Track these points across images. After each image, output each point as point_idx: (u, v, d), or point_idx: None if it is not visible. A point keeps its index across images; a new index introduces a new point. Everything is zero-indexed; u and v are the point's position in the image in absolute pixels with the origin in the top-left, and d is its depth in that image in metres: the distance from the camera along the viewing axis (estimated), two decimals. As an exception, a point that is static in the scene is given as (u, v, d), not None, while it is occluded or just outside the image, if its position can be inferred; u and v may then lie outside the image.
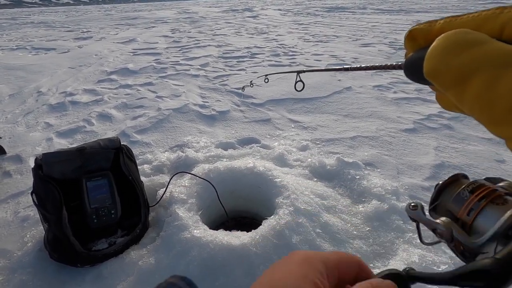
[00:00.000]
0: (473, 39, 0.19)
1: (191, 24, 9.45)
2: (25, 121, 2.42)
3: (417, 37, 0.25)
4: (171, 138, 2.04)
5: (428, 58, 0.21)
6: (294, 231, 1.05)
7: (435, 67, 0.21)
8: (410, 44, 0.26)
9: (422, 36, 0.25)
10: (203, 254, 0.97)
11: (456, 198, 0.25)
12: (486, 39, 0.19)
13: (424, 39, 0.25)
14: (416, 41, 0.26)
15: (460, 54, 0.19)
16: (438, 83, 0.21)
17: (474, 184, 0.25)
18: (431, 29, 0.24)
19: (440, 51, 0.21)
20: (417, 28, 0.25)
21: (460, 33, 0.20)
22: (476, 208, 0.23)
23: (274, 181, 1.29)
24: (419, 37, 0.25)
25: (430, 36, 0.24)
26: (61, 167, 1.08)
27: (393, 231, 1.18)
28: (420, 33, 0.25)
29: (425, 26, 0.25)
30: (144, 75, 3.64)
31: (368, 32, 6.49)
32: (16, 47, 6.06)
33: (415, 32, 0.25)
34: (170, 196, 1.25)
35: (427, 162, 1.68)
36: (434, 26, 0.24)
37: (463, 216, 0.24)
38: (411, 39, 0.26)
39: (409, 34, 0.26)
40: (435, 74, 0.21)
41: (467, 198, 0.24)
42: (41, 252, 1.09)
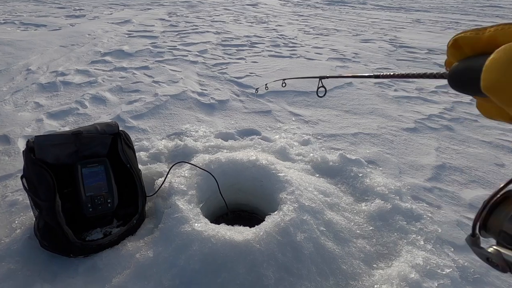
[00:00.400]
0: None
1: (188, 8, 9.19)
2: (13, 100, 2.30)
3: (463, 45, 0.24)
4: (169, 125, 1.97)
5: (487, 71, 0.20)
6: (298, 229, 1.02)
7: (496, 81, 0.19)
8: (454, 52, 0.25)
9: (468, 45, 0.23)
10: (204, 249, 0.93)
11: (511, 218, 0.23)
12: None
13: (471, 48, 0.23)
14: (461, 49, 0.24)
15: None
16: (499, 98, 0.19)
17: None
18: (479, 38, 0.22)
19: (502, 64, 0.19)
20: (463, 36, 0.23)
21: None
22: None
23: (277, 175, 1.26)
24: (465, 46, 0.24)
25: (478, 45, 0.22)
26: (55, 151, 1.01)
27: (396, 232, 1.17)
28: (466, 42, 0.24)
29: (472, 34, 0.23)
30: (140, 58, 3.51)
31: (368, 28, 6.44)
32: (3, 21, 5.76)
33: (461, 41, 0.24)
34: (170, 186, 1.20)
35: (429, 162, 1.67)
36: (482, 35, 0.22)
37: None
38: (456, 48, 0.24)
39: (453, 43, 0.24)
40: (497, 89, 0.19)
41: None
42: (31, 240, 1.03)
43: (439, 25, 6.97)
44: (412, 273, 0.96)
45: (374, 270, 1.02)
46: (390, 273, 0.98)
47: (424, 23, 7.26)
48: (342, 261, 1.01)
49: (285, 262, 0.94)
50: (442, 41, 5.13)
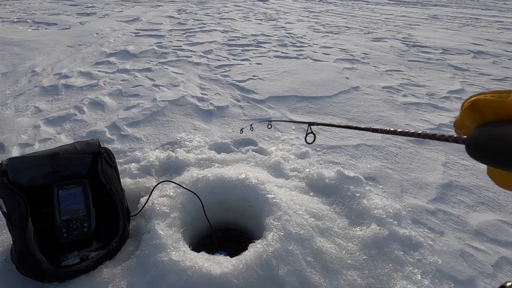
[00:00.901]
0: None
1: (198, 5, 9.13)
2: (15, 104, 2.31)
3: (483, 110, 0.22)
4: (164, 134, 1.93)
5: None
6: (282, 260, 0.95)
7: None
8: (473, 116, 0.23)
9: (491, 110, 0.22)
10: (180, 282, 0.88)
11: None
12: None
13: (494, 114, 0.21)
14: (482, 114, 0.22)
15: None
16: None
17: None
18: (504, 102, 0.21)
19: None
20: (483, 99, 0.22)
21: None
22: None
23: (266, 196, 1.19)
24: (487, 111, 0.22)
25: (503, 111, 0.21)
26: (30, 173, 0.97)
27: (391, 263, 1.08)
28: (488, 106, 0.22)
29: (495, 98, 0.21)
30: (143, 59, 3.49)
31: (381, 25, 6.21)
32: (17, 20, 5.87)
33: (481, 104, 0.22)
34: (152, 208, 1.15)
35: (434, 180, 1.56)
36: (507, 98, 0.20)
37: None
38: (475, 112, 0.23)
39: (472, 106, 0.23)
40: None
41: None
42: (7, 263, 1.01)
43: (457, 22, 6.65)
44: None
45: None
46: None
47: (441, 19, 6.95)
48: (329, 297, 0.94)
49: (265, 299, 0.88)
50: (459, 39, 4.88)
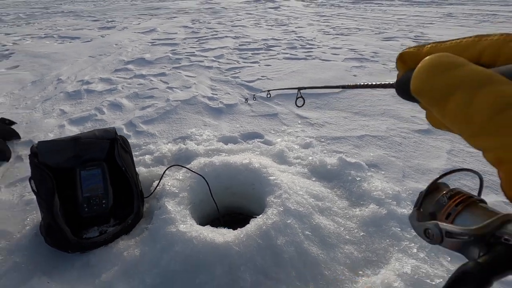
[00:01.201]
0: (452, 62, 0.22)
1: (212, 14, 9.44)
2: (43, 108, 2.52)
3: (407, 59, 0.28)
4: (176, 129, 2.05)
5: (414, 77, 0.24)
6: (280, 232, 1.02)
7: (419, 86, 0.23)
8: (401, 65, 0.29)
9: (411, 59, 0.27)
10: (186, 250, 0.97)
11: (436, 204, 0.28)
12: (463, 62, 0.22)
13: (413, 62, 0.27)
14: (406, 63, 0.28)
15: (441, 74, 0.22)
16: (423, 100, 0.24)
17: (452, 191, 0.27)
18: (419, 53, 0.27)
19: (424, 71, 0.23)
20: (407, 51, 0.28)
21: (442, 56, 0.23)
22: (454, 213, 0.25)
23: (268, 179, 1.26)
24: (409, 60, 0.28)
25: (418, 59, 0.25)
26: (55, 156, 1.11)
27: (388, 238, 1.12)
28: (409, 56, 0.28)
29: (414, 50, 0.27)
30: (158, 66, 3.69)
31: (393, 25, 6.18)
32: (44, 36, 6.33)
33: (405, 55, 0.28)
34: (162, 189, 1.26)
35: (437, 166, 1.58)
36: (422, 50, 0.27)
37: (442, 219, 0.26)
38: (402, 61, 0.29)
39: (400, 57, 0.29)
40: (420, 92, 0.23)
41: (445, 204, 0.27)
42: (37, 236, 1.14)
43: (473, 19, 6.51)
44: (396, 281, 0.92)
45: (359, 277, 0.99)
46: (374, 280, 0.95)
47: (456, 17, 6.82)
48: (326, 267, 1.00)
49: (264, 266, 0.95)
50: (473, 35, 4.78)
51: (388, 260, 1.04)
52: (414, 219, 0.29)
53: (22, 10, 14.50)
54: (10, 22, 9.32)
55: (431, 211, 0.28)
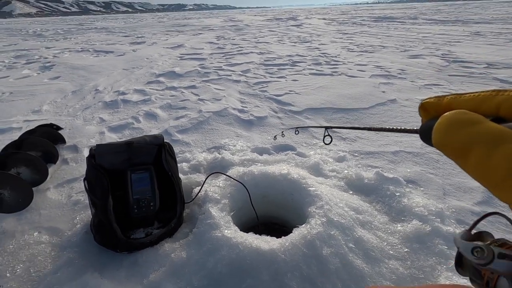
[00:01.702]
0: (468, 119, 0.23)
1: (235, 31, 9.77)
2: (83, 115, 2.68)
3: (428, 109, 0.30)
4: (209, 139, 2.11)
5: (434, 132, 0.25)
6: (325, 243, 1.02)
7: (440, 140, 0.25)
8: (423, 113, 0.31)
9: (432, 109, 0.29)
10: (232, 254, 0.99)
11: None
12: (480, 120, 0.23)
13: (435, 111, 0.29)
14: (428, 111, 0.30)
15: (459, 131, 0.23)
16: (444, 153, 0.25)
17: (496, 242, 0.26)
18: (440, 103, 0.28)
19: (443, 128, 0.25)
20: (428, 101, 0.30)
21: (459, 114, 0.24)
22: None
23: (307, 189, 1.27)
24: (430, 109, 0.30)
25: (439, 109, 0.28)
26: (111, 158, 1.17)
27: (435, 256, 1.09)
28: (431, 106, 0.29)
29: (435, 100, 0.29)
30: (188, 79, 3.84)
31: (418, 43, 6.15)
32: (81, 49, 6.77)
33: (427, 105, 0.30)
34: (205, 194, 1.29)
35: (479, 185, 1.52)
36: (442, 101, 0.28)
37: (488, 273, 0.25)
38: (424, 110, 0.30)
39: (421, 106, 0.30)
40: (441, 146, 0.25)
41: None
42: (87, 234, 1.19)
43: (502, 37, 6.36)
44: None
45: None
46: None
47: (484, 36, 6.70)
48: (371, 280, 0.98)
49: (310, 275, 0.94)
50: (505, 54, 4.68)
51: (437, 279, 1.01)
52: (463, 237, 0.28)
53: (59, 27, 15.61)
54: (50, 37, 10.05)
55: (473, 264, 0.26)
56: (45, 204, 1.44)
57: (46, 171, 1.57)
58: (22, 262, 1.10)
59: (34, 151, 1.69)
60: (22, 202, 1.34)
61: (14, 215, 1.34)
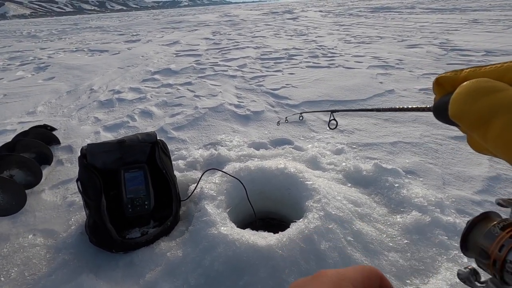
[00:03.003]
0: (492, 86, 0.22)
1: (231, 26, 9.68)
2: (78, 115, 2.65)
3: (444, 84, 0.28)
4: (206, 136, 2.09)
5: (452, 102, 0.24)
6: (323, 237, 1.00)
7: (459, 110, 0.23)
8: (438, 89, 0.29)
9: (448, 83, 0.27)
10: (228, 251, 0.97)
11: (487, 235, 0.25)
12: (504, 87, 0.21)
13: (451, 86, 0.27)
14: (443, 87, 0.28)
15: (481, 98, 0.22)
16: (463, 124, 0.23)
17: (505, 222, 0.25)
18: (456, 77, 0.26)
19: (463, 96, 0.23)
20: (443, 76, 0.27)
21: (481, 81, 0.22)
22: (508, 244, 0.23)
23: (305, 183, 1.25)
24: (446, 84, 0.28)
25: (456, 83, 0.26)
26: (103, 158, 1.15)
27: (435, 247, 1.07)
28: (446, 81, 0.27)
29: (451, 74, 0.27)
30: (184, 75, 3.80)
31: (416, 32, 6.09)
32: (75, 49, 6.70)
33: (442, 80, 0.28)
34: (201, 192, 1.28)
35: (480, 173, 1.51)
36: (459, 75, 0.26)
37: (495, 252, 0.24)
38: (439, 85, 0.28)
39: (436, 81, 0.28)
40: (459, 116, 0.23)
41: (497, 235, 0.24)
42: (82, 235, 1.17)
43: (500, 24, 6.30)
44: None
45: (407, 286, 0.95)
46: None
47: (482, 23, 6.62)
48: (371, 274, 0.96)
49: (308, 270, 0.93)
50: (504, 41, 4.63)
51: (438, 270, 0.99)
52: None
53: (54, 27, 15.47)
54: (44, 38, 9.96)
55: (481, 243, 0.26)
56: (39, 206, 1.42)
57: (40, 172, 1.55)
58: (16, 265, 1.08)
59: (27, 153, 1.67)
60: (15, 205, 1.32)
61: (8, 218, 1.32)
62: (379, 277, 0.25)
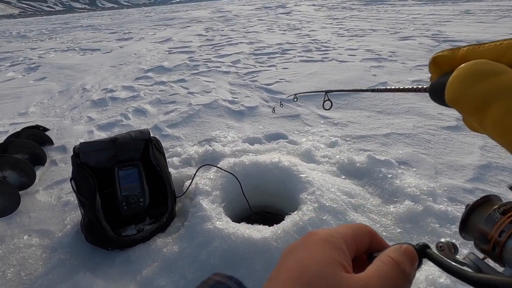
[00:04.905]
0: (491, 69, 0.21)
1: (224, 22, 9.60)
2: (71, 115, 2.63)
3: (441, 63, 0.27)
4: (200, 132, 2.09)
5: (449, 86, 0.23)
6: (317, 228, 1.02)
7: (455, 95, 0.22)
8: (434, 69, 0.28)
9: (445, 63, 0.26)
10: (224, 245, 0.98)
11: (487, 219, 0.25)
12: (504, 70, 0.20)
13: (448, 65, 0.26)
14: (440, 66, 0.27)
15: (479, 83, 0.21)
16: (459, 109, 0.23)
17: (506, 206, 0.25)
18: (454, 56, 0.25)
19: (460, 80, 0.22)
20: (440, 55, 0.26)
21: (479, 64, 0.21)
22: (508, 230, 0.23)
23: (299, 176, 1.26)
24: (443, 64, 0.26)
25: (453, 63, 0.25)
26: (96, 156, 1.15)
27: (427, 235, 1.09)
28: (444, 60, 0.26)
29: (449, 53, 0.26)
30: (177, 72, 3.77)
31: (409, 24, 6.10)
32: (66, 49, 6.61)
33: (439, 59, 0.27)
34: (196, 187, 1.28)
35: (471, 162, 1.53)
36: (457, 53, 0.25)
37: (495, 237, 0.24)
38: (435, 65, 0.27)
39: (433, 61, 0.27)
40: (456, 101, 0.22)
41: (498, 220, 0.24)
42: (78, 234, 1.18)
43: (492, 15, 6.33)
44: (442, 277, 0.89)
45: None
46: (417, 276, 0.92)
47: (474, 14, 6.65)
48: (365, 263, 0.98)
49: (303, 261, 0.94)
50: (495, 31, 4.66)
51: (430, 256, 1.01)
52: None
53: (44, 26, 15.22)
54: (34, 38, 9.80)
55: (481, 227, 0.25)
56: (34, 207, 1.41)
57: (33, 173, 1.54)
58: (12, 266, 1.08)
59: (20, 154, 1.66)
60: (9, 206, 1.31)
61: (2, 220, 1.32)
62: (370, 232, 0.26)
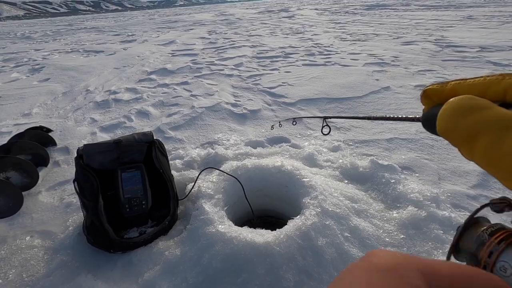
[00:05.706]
0: (476, 104, 0.22)
1: (227, 25, 9.66)
2: (74, 117, 2.64)
3: (431, 96, 0.28)
4: (203, 135, 2.09)
5: (439, 119, 0.24)
6: (320, 233, 1.01)
7: (445, 127, 0.24)
8: (426, 101, 0.30)
9: (435, 96, 0.28)
10: (226, 249, 0.97)
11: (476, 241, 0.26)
12: (487, 105, 0.22)
13: (438, 98, 0.28)
14: (430, 99, 0.29)
15: (466, 117, 0.22)
16: (449, 140, 0.24)
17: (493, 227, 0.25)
18: (443, 90, 0.27)
19: (448, 113, 0.24)
20: (431, 88, 0.28)
21: (466, 99, 0.23)
22: (496, 251, 0.23)
23: (301, 180, 1.26)
24: (433, 96, 0.28)
25: (442, 96, 0.27)
26: (99, 158, 1.15)
27: (431, 241, 1.08)
28: (434, 93, 0.28)
29: (438, 87, 0.28)
30: (180, 75, 3.79)
31: (411, 29, 6.11)
32: (70, 50, 6.66)
33: (430, 92, 0.28)
34: (198, 190, 1.28)
35: (474, 168, 1.53)
36: (445, 87, 0.27)
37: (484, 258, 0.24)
38: (426, 97, 0.29)
39: (424, 93, 0.29)
40: (446, 133, 0.24)
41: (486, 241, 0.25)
42: (80, 236, 1.17)
43: (495, 20, 6.33)
44: None
45: None
46: (421, 284, 0.91)
47: (477, 20, 6.66)
48: (368, 269, 0.97)
49: (305, 266, 0.93)
50: (498, 37, 4.65)
51: (433, 263, 1.00)
52: None
53: (48, 28, 15.35)
54: (39, 39, 9.88)
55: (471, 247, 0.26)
56: (37, 208, 1.41)
57: (36, 174, 1.54)
58: (14, 267, 1.08)
59: (23, 154, 1.66)
60: (12, 207, 1.32)
61: (5, 220, 1.32)
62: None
